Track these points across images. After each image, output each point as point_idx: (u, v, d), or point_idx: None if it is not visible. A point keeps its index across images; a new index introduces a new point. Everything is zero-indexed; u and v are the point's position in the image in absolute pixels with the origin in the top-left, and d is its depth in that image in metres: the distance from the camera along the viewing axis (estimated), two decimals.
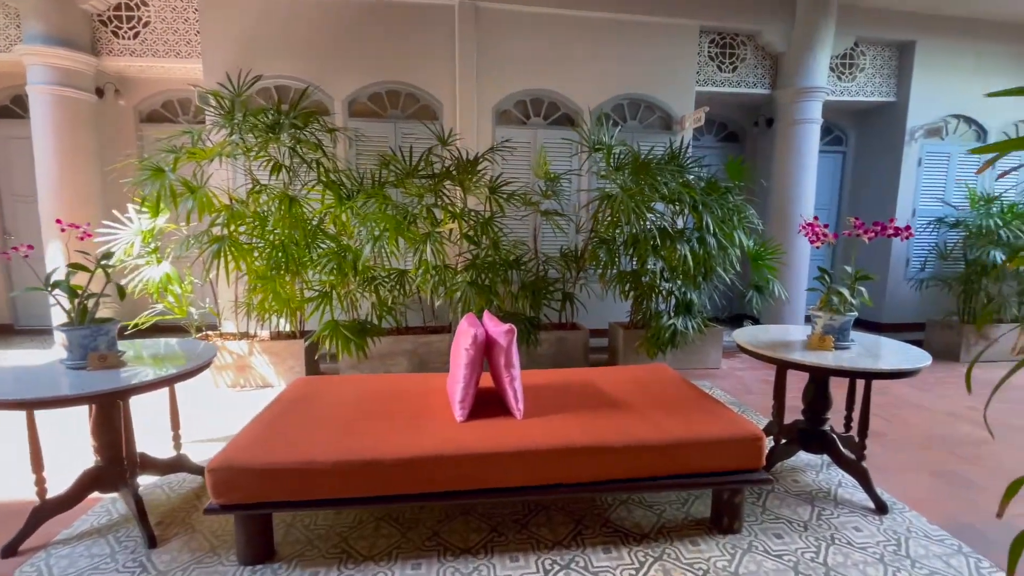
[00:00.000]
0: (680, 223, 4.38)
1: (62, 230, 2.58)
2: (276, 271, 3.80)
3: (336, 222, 4.04)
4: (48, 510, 2.04)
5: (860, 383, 2.66)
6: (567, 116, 5.26)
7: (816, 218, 2.66)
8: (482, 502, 2.31)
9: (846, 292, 2.47)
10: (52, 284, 2.10)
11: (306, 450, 1.87)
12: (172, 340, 2.65)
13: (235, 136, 3.75)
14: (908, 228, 2.41)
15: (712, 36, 5.54)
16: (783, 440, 2.65)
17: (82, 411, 3.20)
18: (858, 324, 6.03)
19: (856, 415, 2.63)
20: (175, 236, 3.94)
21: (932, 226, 5.61)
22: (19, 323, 5.77)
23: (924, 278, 5.63)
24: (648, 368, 2.92)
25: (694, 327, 4.22)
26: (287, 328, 4.24)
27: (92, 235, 2.62)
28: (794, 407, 2.82)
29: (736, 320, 6.39)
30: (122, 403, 2.10)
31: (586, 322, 4.84)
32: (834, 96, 5.77)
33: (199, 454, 2.74)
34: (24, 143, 5.15)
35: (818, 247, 2.69)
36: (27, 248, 2.21)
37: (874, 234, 2.44)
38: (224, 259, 3.56)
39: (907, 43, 5.78)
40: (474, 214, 4.21)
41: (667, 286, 4.30)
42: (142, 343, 2.55)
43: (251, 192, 3.87)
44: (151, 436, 3.00)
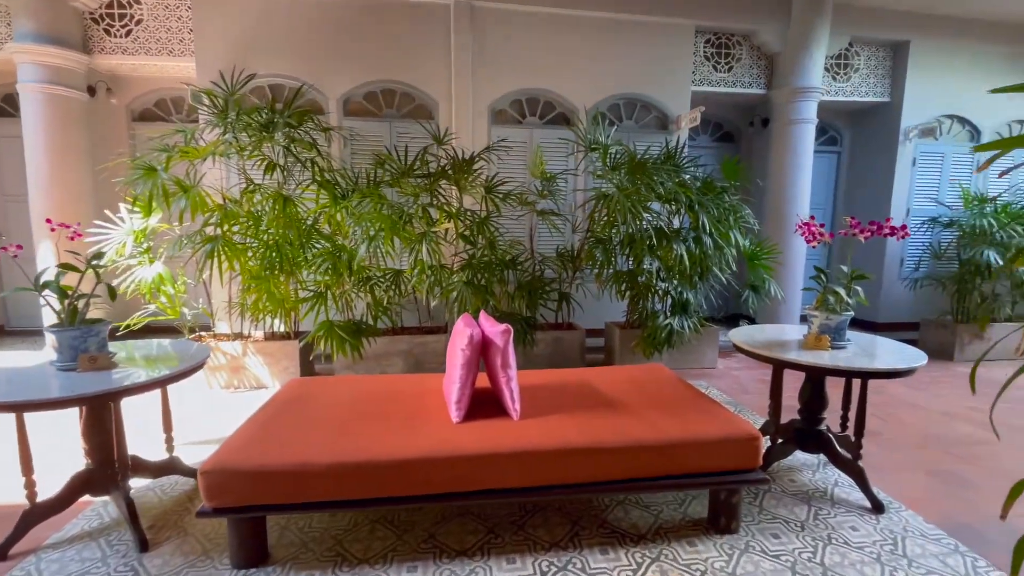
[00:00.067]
0: (676, 223, 4.37)
1: (52, 230, 2.54)
2: (270, 271, 3.77)
3: (331, 222, 4.01)
4: (38, 514, 2.01)
5: (856, 382, 2.67)
6: (563, 115, 5.25)
7: (812, 217, 2.66)
8: (479, 504, 2.29)
9: (842, 292, 2.48)
10: (41, 284, 2.08)
11: (300, 452, 1.85)
12: (165, 341, 2.62)
13: (228, 135, 3.73)
14: (904, 227, 2.41)
15: (708, 36, 5.55)
16: (780, 440, 2.65)
17: (73, 413, 3.17)
18: (853, 324, 6.04)
19: (852, 414, 2.64)
20: (168, 236, 3.90)
21: (926, 226, 5.64)
22: (10, 324, 5.71)
23: (918, 278, 5.66)
24: (644, 368, 2.91)
25: (690, 327, 4.22)
26: (281, 329, 4.21)
27: (82, 235, 2.59)
28: (790, 406, 2.82)
29: (732, 320, 6.40)
30: (113, 405, 2.08)
31: (582, 322, 4.83)
32: (829, 96, 5.80)
33: (192, 456, 2.71)
34: (15, 142, 5.10)
35: (814, 247, 2.69)
36: (16, 248, 2.17)
37: (870, 234, 2.44)
38: (218, 259, 3.54)
39: (901, 43, 5.81)
40: (470, 214, 4.19)
41: (663, 286, 4.29)
42: (134, 344, 2.52)
43: (245, 191, 3.84)
44: (143, 438, 2.97)
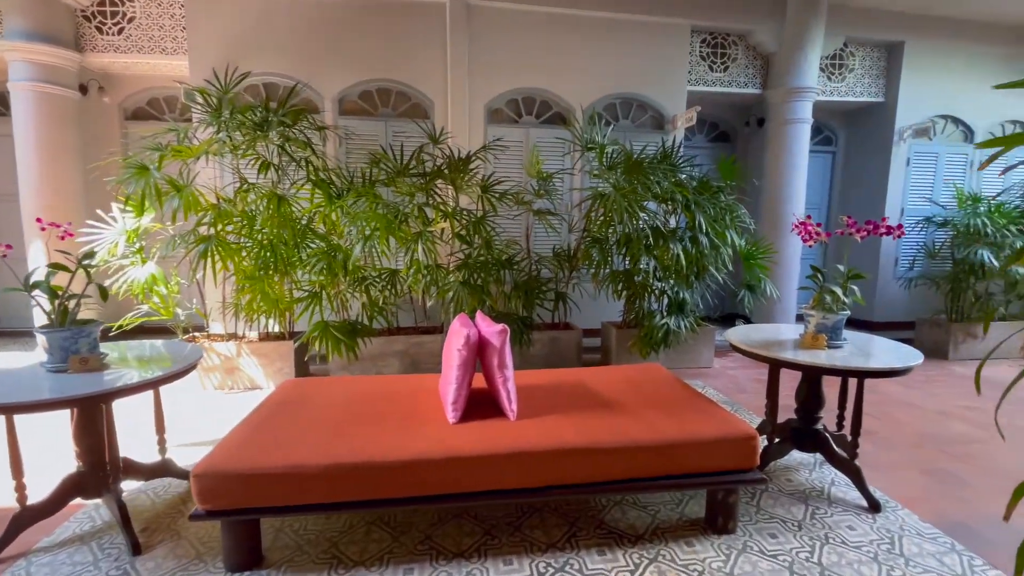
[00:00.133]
0: (673, 222, 4.37)
1: (42, 229, 2.51)
2: (264, 271, 3.75)
3: (326, 221, 3.99)
4: (29, 517, 1.99)
5: (852, 381, 2.68)
6: (559, 115, 5.24)
7: (809, 217, 2.66)
8: (475, 505, 2.28)
9: (839, 291, 2.48)
10: (31, 285, 2.05)
11: (295, 454, 1.83)
12: (158, 342, 2.59)
13: (222, 134, 3.70)
14: (900, 227, 2.42)
15: (704, 36, 5.56)
16: (776, 439, 2.65)
17: (64, 415, 3.14)
18: (848, 323, 6.04)
19: (848, 414, 2.64)
20: (161, 236, 3.86)
21: (920, 225, 5.66)
22: (1, 325, 5.65)
23: (913, 277, 5.69)
24: (641, 368, 2.91)
25: (687, 326, 4.22)
26: (276, 329, 4.18)
27: (73, 234, 2.55)
28: (786, 406, 2.82)
29: (728, 319, 6.41)
30: (104, 407, 2.05)
31: (579, 322, 4.83)
32: (824, 96, 5.81)
33: (185, 458, 2.68)
34: (6, 141, 5.06)
35: (811, 246, 2.69)
36: (6, 248, 2.14)
37: (867, 233, 2.44)
38: (211, 259, 3.51)
39: (895, 43, 5.83)
40: (466, 213, 4.18)
41: (660, 285, 4.29)
42: (127, 345, 2.49)
43: (239, 191, 3.81)
44: (136, 440, 2.94)
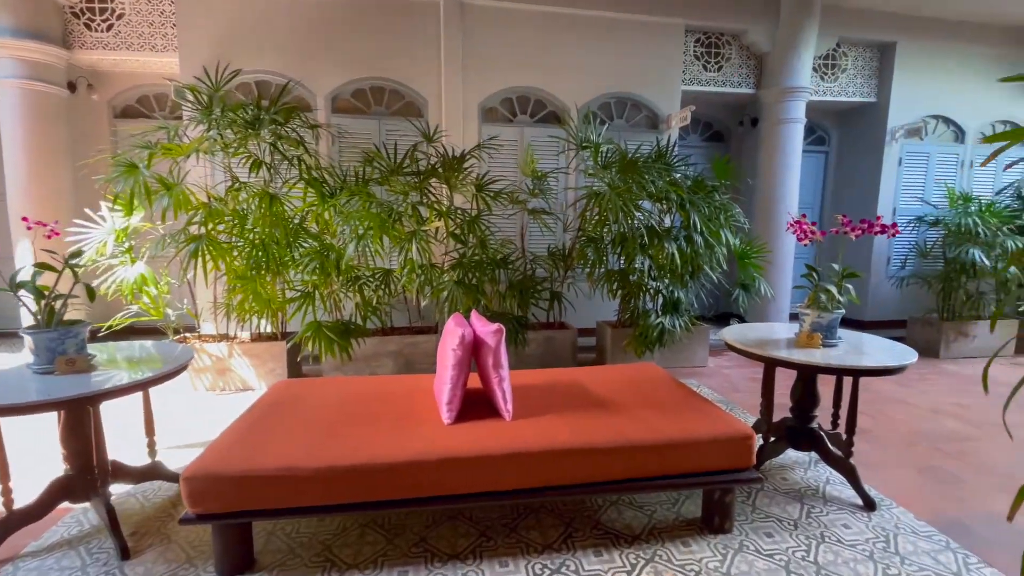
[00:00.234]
0: (667, 221, 4.37)
1: (29, 228, 2.47)
2: (256, 271, 3.70)
3: (318, 220, 3.95)
4: (15, 521, 1.95)
5: (847, 380, 2.68)
6: (554, 114, 5.23)
7: (804, 216, 2.66)
8: (471, 506, 2.26)
9: (834, 290, 2.48)
10: (17, 284, 2.00)
11: (288, 455, 1.80)
12: (147, 343, 2.55)
13: (213, 132, 3.65)
14: (895, 225, 2.42)
15: (698, 35, 5.56)
16: (772, 438, 2.65)
17: (51, 417, 3.08)
18: (841, 322, 6.10)
19: (843, 412, 2.64)
20: (151, 235, 3.81)
21: (912, 225, 5.70)
22: None
23: (904, 276, 5.72)
24: (636, 367, 2.90)
25: (681, 325, 4.22)
26: (268, 329, 4.14)
27: (60, 233, 2.51)
28: (781, 404, 2.82)
29: (722, 318, 6.43)
30: (92, 409, 2.02)
31: (574, 321, 4.82)
32: (817, 96, 5.84)
33: (176, 461, 2.64)
34: None
35: (806, 244, 2.69)
36: None
37: (862, 231, 2.44)
38: (202, 259, 3.46)
39: (888, 44, 5.87)
40: (460, 212, 4.16)
41: (654, 285, 4.29)
42: (116, 346, 2.45)
43: (230, 190, 3.76)
44: (125, 443, 2.90)
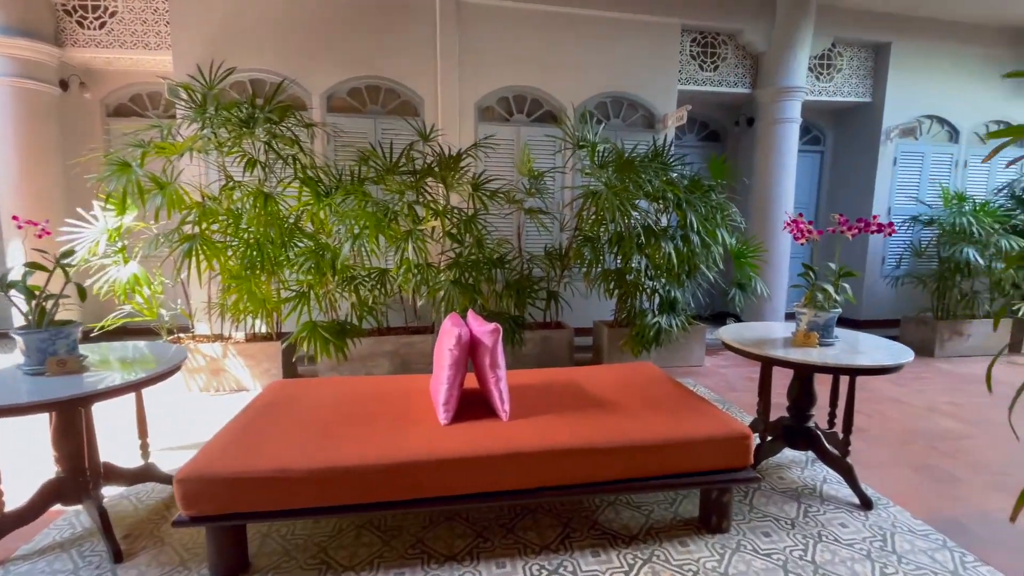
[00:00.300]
0: (664, 221, 4.37)
1: (19, 227, 2.43)
2: (251, 271, 3.67)
3: (314, 220, 3.92)
4: (7, 524, 1.92)
5: (844, 379, 2.68)
6: (550, 113, 5.22)
7: (800, 215, 2.66)
8: (467, 507, 2.25)
9: (831, 289, 2.48)
10: (7, 284, 1.98)
11: (282, 457, 1.79)
12: (141, 343, 2.52)
13: (207, 130, 3.62)
14: (891, 224, 2.42)
15: (694, 35, 5.56)
16: (769, 437, 2.65)
17: (42, 419, 3.05)
18: (837, 321, 6.12)
19: (840, 411, 2.64)
20: (144, 235, 3.78)
21: (907, 224, 5.72)
22: None
23: (899, 275, 5.74)
24: (633, 366, 2.89)
25: (678, 325, 4.22)
26: (263, 329, 4.11)
27: (51, 232, 2.48)
28: (778, 404, 2.82)
29: (719, 318, 6.44)
30: (84, 410, 1.99)
31: (571, 321, 4.81)
32: (812, 96, 5.85)
33: (169, 463, 2.62)
34: None
35: (802, 244, 2.69)
36: None
37: (858, 231, 2.44)
38: (196, 258, 3.43)
39: (883, 44, 5.89)
40: (457, 212, 4.14)
41: (651, 284, 4.29)
42: (108, 346, 2.42)
43: (224, 189, 3.74)
44: (117, 444, 2.87)
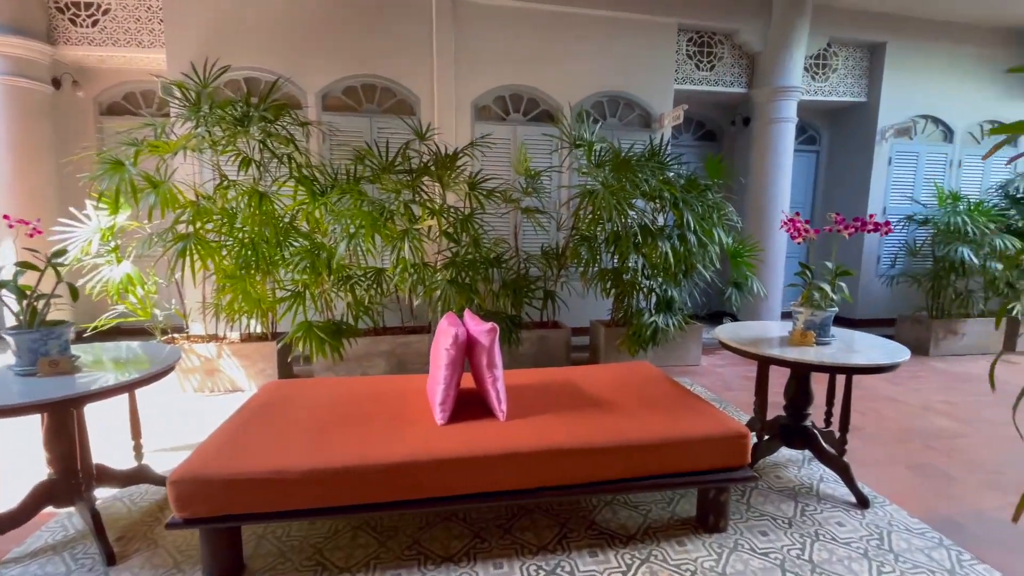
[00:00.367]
0: (661, 220, 4.37)
1: (10, 226, 2.41)
2: (246, 270, 3.65)
3: (309, 219, 3.90)
4: None
5: (840, 378, 2.69)
6: (547, 112, 5.21)
7: (797, 214, 2.66)
8: (464, 507, 2.23)
9: (827, 288, 2.48)
10: None
11: (277, 458, 1.77)
12: (134, 343, 2.50)
13: (201, 129, 3.59)
14: (888, 223, 2.43)
15: (690, 35, 5.57)
16: (766, 436, 2.65)
17: (34, 420, 3.02)
18: (833, 320, 6.14)
19: (836, 410, 2.65)
20: (137, 234, 3.75)
21: (902, 224, 5.74)
22: None
23: (894, 274, 5.77)
24: (630, 366, 2.89)
25: (675, 324, 4.22)
26: (258, 329, 4.08)
27: (42, 231, 2.45)
28: (775, 403, 2.83)
29: (715, 317, 6.45)
30: (76, 411, 1.97)
31: (567, 320, 4.81)
32: (808, 96, 5.86)
33: (163, 464, 2.59)
34: None
35: (799, 243, 2.69)
36: None
37: (854, 229, 2.45)
38: (190, 258, 3.40)
39: (878, 44, 5.91)
40: (453, 211, 4.13)
41: (648, 283, 4.29)
42: (101, 347, 2.40)
43: (218, 188, 3.71)
44: (111, 446, 2.84)
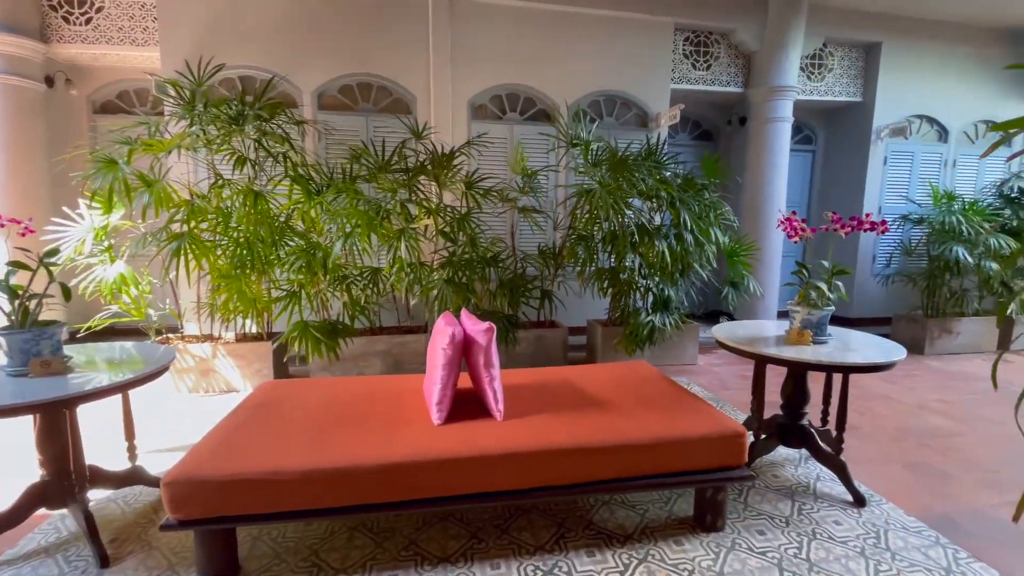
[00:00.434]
0: (658, 219, 4.37)
1: (1, 225, 2.38)
2: (241, 270, 3.62)
3: (304, 218, 3.88)
4: None
5: (837, 377, 2.69)
6: (544, 111, 5.20)
7: (794, 213, 2.66)
8: (461, 508, 2.23)
9: (824, 287, 2.48)
10: None
11: (273, 459, 1.76)
12: (128, 343, 2.48)
13: (195, 127, 3.56)
14: (884, 222, 2.43)
15: (687, 34, 5.57)
16: (763, 435, 2.65)
17: (26, 421, 2.99)
18: (829, 319, 6.16)
19: (833, 409, 2.65)
20: (131, 234, 3.72)
21: (897, 223, 5.77)
22: None
23: (890, 274, 5.79)
24: (627, 365, 2.88)
25: (672, 323, 4.22)
26: (254, 329, 4.05)
27: (34, 231, 2.43)
28: (771, 402, 2.83)
29: (712, 316, 6.46)
30: (68, 412, 1.95)
31: (564, 320, 4.80)
32: (804, 95, 5.87)
33: (157, 465, 2.57)
34: None
35: (796, 242, 2.69)
36: None
37: (851, 229, 2.45)
38: (184, 257, 3.38)
39: (873, 44, 5.93)
40: (450, 210, 4.11)
41: (645, 283, 4.29)
42: (95, 347, 2.38)
43: (213, 187, 3.68)
44: (104, 447, 2.82)
